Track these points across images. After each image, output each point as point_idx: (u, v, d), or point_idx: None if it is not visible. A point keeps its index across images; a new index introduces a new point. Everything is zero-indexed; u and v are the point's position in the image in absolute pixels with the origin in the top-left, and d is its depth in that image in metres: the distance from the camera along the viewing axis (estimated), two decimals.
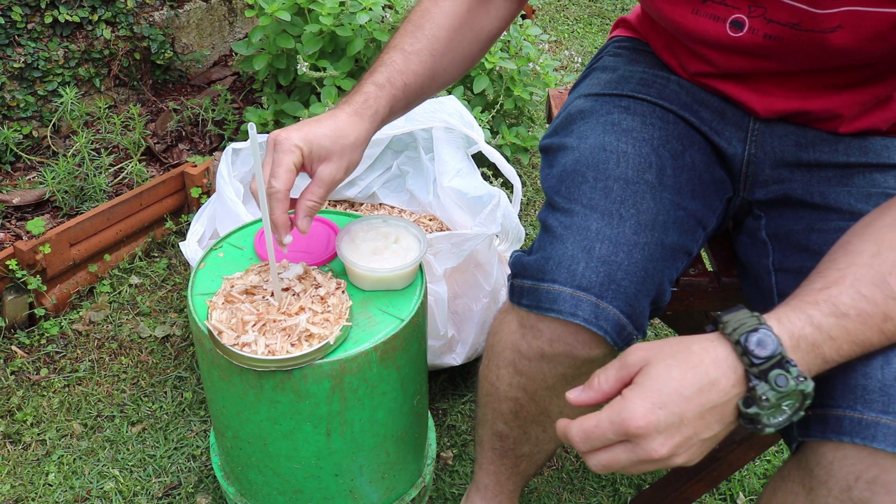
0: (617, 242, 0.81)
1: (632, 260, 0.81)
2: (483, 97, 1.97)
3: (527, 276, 0.84)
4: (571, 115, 1.00)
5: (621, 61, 1.05)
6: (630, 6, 3.45)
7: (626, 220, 0.83)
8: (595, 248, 0.81)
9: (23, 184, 1.80)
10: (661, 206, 0.86)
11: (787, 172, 0.94)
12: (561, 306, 0.80)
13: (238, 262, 1.02)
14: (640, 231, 0.83)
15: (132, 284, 1.71)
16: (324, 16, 1.71)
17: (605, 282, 0.80)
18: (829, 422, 0.69)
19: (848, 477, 0.68)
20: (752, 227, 0.96)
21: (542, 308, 0.82)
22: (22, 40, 1.83)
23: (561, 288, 0.80)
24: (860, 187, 0.89)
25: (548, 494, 1.35)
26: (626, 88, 0.99)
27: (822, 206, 0.89)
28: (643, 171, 0.87)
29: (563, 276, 0.80)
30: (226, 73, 2.28)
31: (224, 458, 1.15)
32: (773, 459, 1.43)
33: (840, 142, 0.92)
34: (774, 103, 0.92)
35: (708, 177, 0.94)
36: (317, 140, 0.84)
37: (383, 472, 1.08)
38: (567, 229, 0.83)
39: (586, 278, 0.80)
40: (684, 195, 0.89)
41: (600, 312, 0.80)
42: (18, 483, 1.32)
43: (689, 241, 0.89)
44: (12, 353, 1.53)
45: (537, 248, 0.86)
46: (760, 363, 0.63)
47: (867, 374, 0.69)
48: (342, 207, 1.65)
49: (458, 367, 1.51)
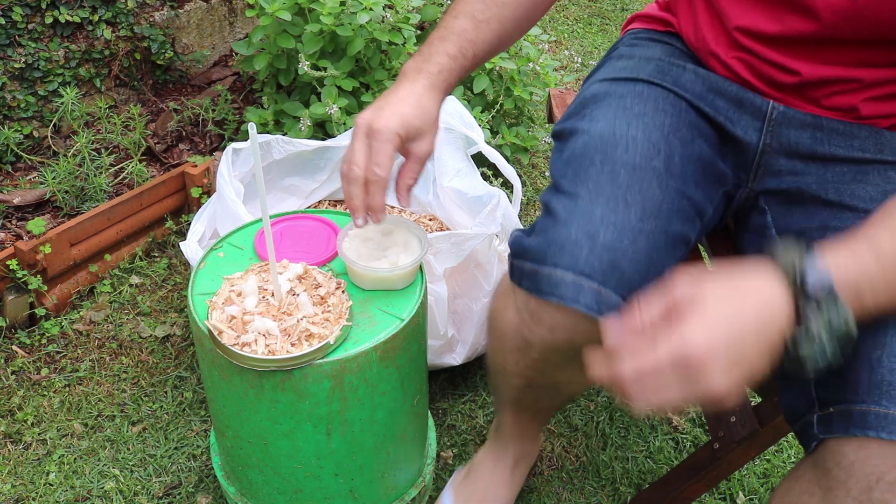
0: (622, 229, 0.79)
1: (636, 247, 0.79)
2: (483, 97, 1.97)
3: (527, 258, 0.82)
4: (585, 99, 0.98)
5: (637, 50, 1.04)
6: (630, 6, 3.45)
7: (631, 206, 0.81)
8: (599, 233, 0.79)
9: (23, 184, 1.81)
10: (667, 194, 0.84)
11: (802, 165, 0.93)
12: (563, 292, 0.78)
13: (238, 262, 1.02)
14: (645, 218, 0.81)
15: (132, 284, 1.71)
16: (324, 15, 1.71)
17: (609, 269, 0.78)
18: (854, 417, 0.69)
19: (869, 478, 0.67)
20: (759, 224, 0.95)
21: (542, 292, 0.80)
22: (22, 40, 1.83)
23: (563, 273, 0.78)
24: (876, 185, 0.88)
25: (548, 494, 1.35)
26: (643, 73, 0.97)
27: (837, 203, 0.88)
28: (651, 158, 0.85)
29: (566, 260, 0.78)
30: (226, 73, 2.28)
31: (224, 457, 1.15)
32: (772, 459, 1.43)
33: (856, 136, 0.91)
34: (812, 69, 0.89)
35: (711, 168, 0.93)
36: (411, 122, 0.86)
37: (383, 472, 1.08)
38: (571, 213, 0.81)
39: (589, 264, 0.78)
40: (689, 184, 0.88)
41: (602, 299, 0.78)
42: (19, 482, 1.32)
43: (690, 230, 0.88)
44: (13, 353, 1.53)
45: (539, 230, 0.83)
46: (817, 301, 0.62)
47: (893, 370, 0.69)
48: (342, 207, 1.65)
49: (458, 367, 1.51)
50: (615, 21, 3.30)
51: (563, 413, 1.50)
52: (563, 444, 1.44)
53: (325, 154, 1.54)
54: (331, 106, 1.69)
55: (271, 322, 0.88)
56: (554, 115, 1.68)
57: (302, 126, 1.74)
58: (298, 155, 1.51)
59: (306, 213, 1.11)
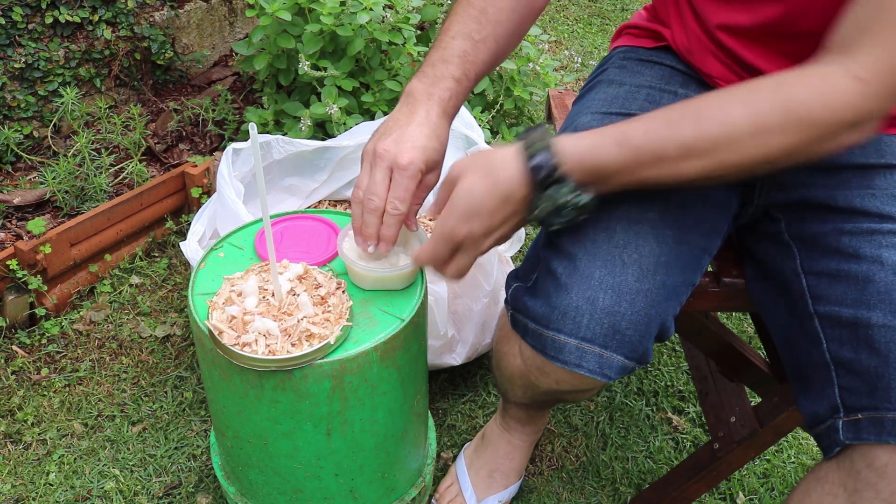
0: (620, 292, 0.82)
1: (634, 309, 0.82)
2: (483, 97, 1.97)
3: (530, 318, 0.86)
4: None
5: (627, 74, 1.04)
6: (629, 6, 3.45)
7: (628, 266, 0.83)
8: (598, 298, 0.82)
9: (23, 184, 1.81)
10: (664, 246, 0.86)
11: (807, 176, 0.93)
12: (566, 357, 0.83)
13: (238, 262, 1.02)
14: (642, 278, 0.83)
15: (133, 284, 1.71)
16: (324, 15, 1.71)
17: (609, 332, 0.81)
18: (886, 425, 0.69)
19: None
20: (773, 231, 0.95)
21: (547, 355, 0.85)
22: (22, 40, 1.83)
23: (566, 339, 0.82)
24: (882, 189, 0.89)
25: (548, 494, 1.35)
26: (633, 107, 0.98)
27: (848, 210, 0.88)
28: (646, 210, 0.87)
29: (569, 326, 0.82)
30: (226, 73, 2.28)
31: (224, 457, 1.15)
32: (772, 459, 1.43)
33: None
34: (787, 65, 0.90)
35: (712, 202, 0.93)
36: (432, 157, 0.88)
37: (383, 472, 1.08)
38: (570, 278, 0.84)
39: (591, 330, 0.81)
40: (687, 228, 0.89)
41: (604, 362, 0.82)
42: (19, 482, 1.32)
43: (692, 273, 0.90)
44: (13, 353, 1.53)
45: (541, 291, 0.86)
46: (541, 179, 0.76)
47: None
48: (342, 207, 1.65)
49: (458, 367, 1.51)
50: (615, 21, 3.30)
51: (563, 413, 1.50)
52: (563, 444, 1.44)
53: (325, 154, 1.54)
54: (331, 106, 1.69)
55: (272, 322, 0.88)
56: (553, 116, 1.68)
57: (302, 126, 1.74)
58: (298, 155, 1.51)
59: (306, 213, 1.11)
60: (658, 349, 1.66)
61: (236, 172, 1.44)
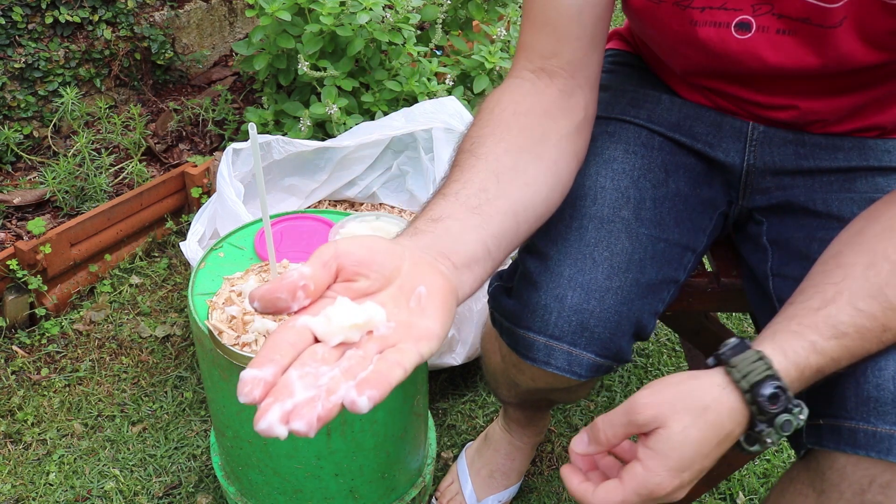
0: (588, 289, 0.82)
1: (604, 306, 0.81)
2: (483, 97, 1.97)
3: (504, 316, 0.86)
4: None
5: (613, 78, 1.04)
6: None
7: (598, 264, 0.83)
8: (567, 296, 0.81)
9: (23, 184, 1.81)
10: (637, 244, 0.85)
11: (789, 179, 0.94)
12: (536, 354, 0.82)
13: (238, 262, 1.02)
14: (612, 275, 0.83)
15: (133, 284, 1.71)
16: (324, 16, 1.71)
17: (578, 330, 0.81)
18: (843, 434, 0.70)
19: (861, 481, 0.68)
20: (754, 233, 0.96)
21: (520, 353, 0.84)
22: (22, 40, 1.83)
23: (535, 337, 0.82)
24: (863, 192, 0.89)
25: (548, 494, 1.35)
26: (616, 110, 0.98)
27: (825, 214, 0.88)
28: (619, 208, 0.86)
29: (538, 324, 0.82)
30: (226, 73, 2.28)
31: (224, 457, 1.15)
32: (772, 459, 1.43)
33: (839, 149, 0.91)
34: (767, 100, 0.90)
35: (694, 200, 0.93)
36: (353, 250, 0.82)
37: (383, 472, 1.09)
38: (541, 276, 0.83)
39: (559, 328, 0.81)
40: (665, 227, 0.89)
41: (573, 359, 0.81)
42: (19, 482, 1.32)
43: (673, 270, 0.89)
44: (13, 353, 1.53)
45: (515, 290, 0.87)
46: (770, 414, 0.65)
47: (880, 385, 0.69)
48: (342, 207, 1.65)
49: (458, 367, 1.51)
50: (614, 21, 3.30)
51: (563, 413, 1.50)
52: (563, 444, 1.44)
53: (324, 154, 1.54)
54: (331, 106, 1.69)
55: (271, 322, 0.89)
56: None
57: (302, 126, 1.74)
58: (298, 155, 1.52)
59: (306, 213, 1.12)
60: (658, 349, 1.66)
61: (236, 172, 1.44)
